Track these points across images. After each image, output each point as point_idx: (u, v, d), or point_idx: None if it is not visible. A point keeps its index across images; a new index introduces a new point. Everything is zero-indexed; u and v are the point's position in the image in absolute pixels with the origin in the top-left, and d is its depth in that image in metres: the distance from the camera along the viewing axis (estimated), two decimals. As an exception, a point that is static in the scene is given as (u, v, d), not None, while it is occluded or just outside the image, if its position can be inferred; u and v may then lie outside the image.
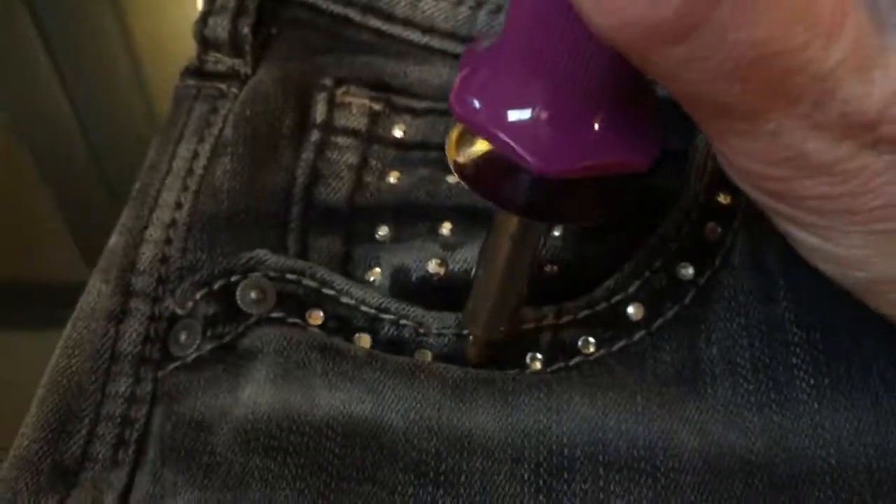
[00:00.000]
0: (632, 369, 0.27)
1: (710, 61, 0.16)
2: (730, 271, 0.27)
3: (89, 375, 0.26)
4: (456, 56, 0.33)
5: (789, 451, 0.25)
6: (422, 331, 0.27)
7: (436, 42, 0.33)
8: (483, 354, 0.27)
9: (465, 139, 0.21)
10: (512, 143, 0.19)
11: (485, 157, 0.21)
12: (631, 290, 0.27)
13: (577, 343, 0.27)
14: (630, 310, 0.27)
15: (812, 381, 0.26)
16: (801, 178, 0.18)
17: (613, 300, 0.27)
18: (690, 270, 0.27)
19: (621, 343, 0.27)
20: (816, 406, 0.25)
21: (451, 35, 0.33)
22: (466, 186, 0.21)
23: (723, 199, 0.28)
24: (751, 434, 0.25)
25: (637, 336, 0.27)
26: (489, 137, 0.19)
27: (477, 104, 0.19)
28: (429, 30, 0.33)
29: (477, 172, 0.21)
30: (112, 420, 0.26)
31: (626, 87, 0.19)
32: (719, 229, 0.28)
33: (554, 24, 0.17)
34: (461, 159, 0.21)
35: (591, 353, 0.27)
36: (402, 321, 0.27)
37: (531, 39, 0.18)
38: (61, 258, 0.39)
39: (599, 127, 0.19)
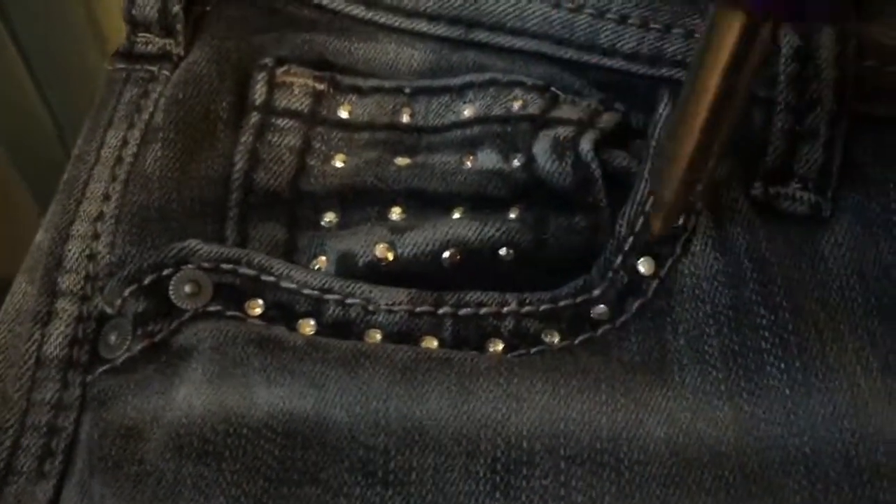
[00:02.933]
0: (596, 355, 0.25)
1: None
2: (690, 258, 0.26)
3: (14, 382, 0.25)
4: (402, 31, 0.31)
5: (762, 441, 0.24)
6: (370, 308, 0.25)
7: (380, 17, 0.31)
8: (670, 222, 0.25)
9: None
10: None
11: None
12: (596, 292, 0.26)
13: (539, 334, 0.26)
14: (594, 310, 0.26)
15: (783, 366, 0.24)
16: None
17: (578, 300, 0.26)
18: (651, 263, 0.26)
19: (585, 336, 0.26)
20: (788, 392, 0.24)
21: (395, 9, 0.31)
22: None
23: None
24: (721, 424, 0.24)
25: (601, 330, 0.26)
26: None
27: None
28: (373, 4, 0.31)
29: None
30: (38, 430, 0.24)
31: None
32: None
33: None
34: None
35: (555, 344, 0.25)
36: (349, 300, 0.25)
37: None
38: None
39: None
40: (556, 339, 0.26)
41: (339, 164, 0.29)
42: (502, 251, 0.27)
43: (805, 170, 0.27)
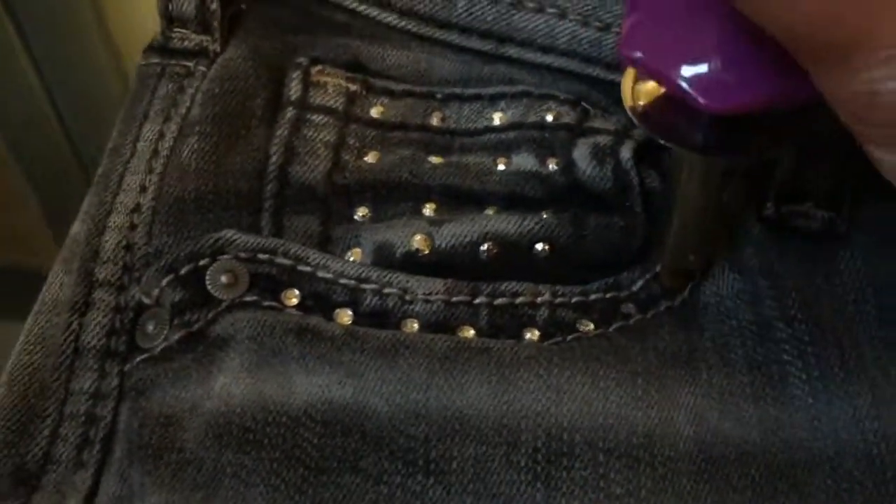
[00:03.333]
0: (634, 342, 0.25)
1: None
2: (711, 280, 0.27)
3: (52, 372, 0.25)
4: (434, 41, 0.31)
5: (786, 442, 0.24)
6: (407, 298, 0.25)
7: (413, 26, 0.31)
8: (680, 281, 0.27)
9: (638, 84, 0.23)
10: (683, 85, 0.19)
11: (659, 100, 0.22)
12: (625, 292, 0.27)
13: (574, 322, 0.26)
14: (623, 307, 0.26)
15: (804, 377, 0.25)
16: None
17: (608, 295, 0.26)
18: None
19: (619, 323, 0.26)
20: (811, 401, 0.25)
21: (429, 19, 0.31)
22: (645, 129, 0.22)
23: None
24: (747, 424, 0.24)
25: (633, 320, 0.26)
26: (660, 80, 0.20)
27: (641, 51, 0.20)
28: (406, 13, 0.31)
29: (652, 115, 0.22)
30: (76, 418, 0.24)
31: None
32: None
33: None
34: (635, 103, 0.23)
35: (590, 331, 0.26)
36: (386, 290, 0.25)
37: None
38: (36, 246, 0.38)
39: (767, 63, 0.19)
40: (591, 328, 0.26)
41: (372, 159, 0.29)
42: (539, 246, 0.27)
43: (818, 187, 0.27)
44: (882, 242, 0.27)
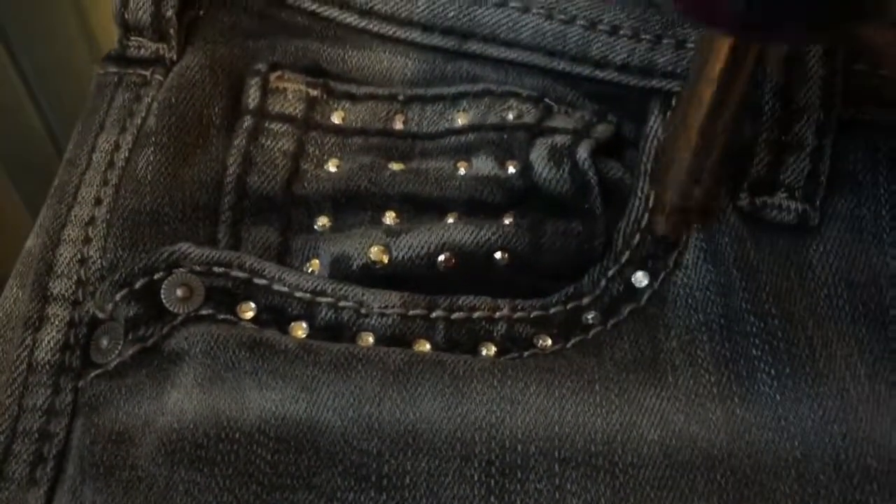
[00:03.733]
0: (589, 357, 0.25)
1: None
2: (683, 270, 0.26)
3: (5, 388, 0.25)
4: (396, 40, 0.31)
5: (753, 445, 0.24)
6: (363, 311, 0.25)
7: (374, 26, 0.31)
8: (676, 225, 0.25)
9: None
10: None
11: None
12: (586, 300, 0.26)
13: (532, 338, 0.26)
14: (585, 316, 0.26)
15: (773, 372, 0.25)
16: None
17: (569, 306, 0.26)
18: (646, 276, 0.26)
19: (577, 338, 0.26)
20: (779, 398, 0.24)
21: (389, 18, 0.31)
22: (682, 13, 0.22)
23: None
24: (713, 426, 0.24)
25: (592, 332, 0.26)
26: None
27: None
28: (366, 13, 0.31)
29: None
30: (29, 435, 0.24)
31: None
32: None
33: None
34: None
35: (547, 348, 0.25)
36: (341, 303, 0.25)
37: None
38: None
39: None
40: (549, 343, 0.26)
41: (332, 168, 0.29)
42: (497, 255, 0.27)
43: (791, 179, 0.27)
44: (856, 239, 0.27)
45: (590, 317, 0.26)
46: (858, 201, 0.27)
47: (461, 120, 0.30)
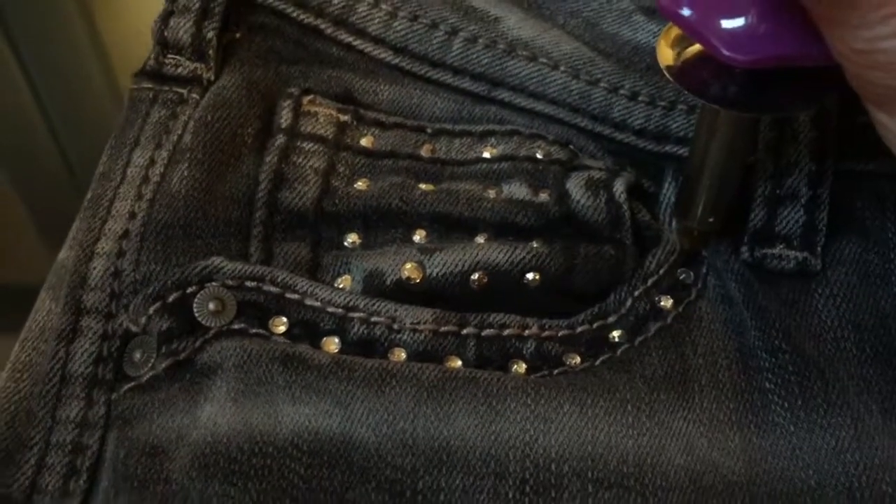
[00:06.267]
0: (619, 374, 0.25)
1: None
2: (706, 302, 0.27)
3: (38, 400, 0.25)
4: (427, 79, 0.31)
5: (769, 473, 0.24)
6: (395, 327, 0.25)
7: (407, 63, 0.31)
8: (695, 243, 0.28)
9: (675, 42, 0.25)
10: (714, 41, 0.22)
11: (695, 58, 0.24)
12: (612, 318, 0.27)
13: (561, 356, 0.26)
14: (612, 333, 0.27)
15: (786, 404, 0.25)
16: None
17: (595, 325, 0.27)
18: (670, 301, 0.27)
19: (605, 356, 0.26)
20: (793, 428, 0.25)
21: (423, 58, 0.31)
22: (680, 87, 0.24)
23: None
24: (732, 454, 0.24)
25: (620, 350, 0.26)
26: (700, 35, 0.22)
27: (689, 7, 0.22)
28: (401, 50, 0.31)
29: (689, 72, 0.24)
30: (63, 447, 0.24)
31: None
32: (692, 274, 0.28)
33: None
34: (673, 62, 0.24)
35: (576, 366, 0.26)
36: (373, 318, 0.25)
37: None
38: (28, 262, 0.37)
39: (794, 21, 0.21)
40: (577, 361, 0.26)
41: (362, 186, 0.29)
42: (529, 275, 0.27)
43: (788, 230, 0.28)
44: (863, 282, 0.27)
45: (616, 335, 0.26)
46: (866, 246, 0.28)
47: (489, 153, 0.30)
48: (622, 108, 0.30)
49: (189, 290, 0.25)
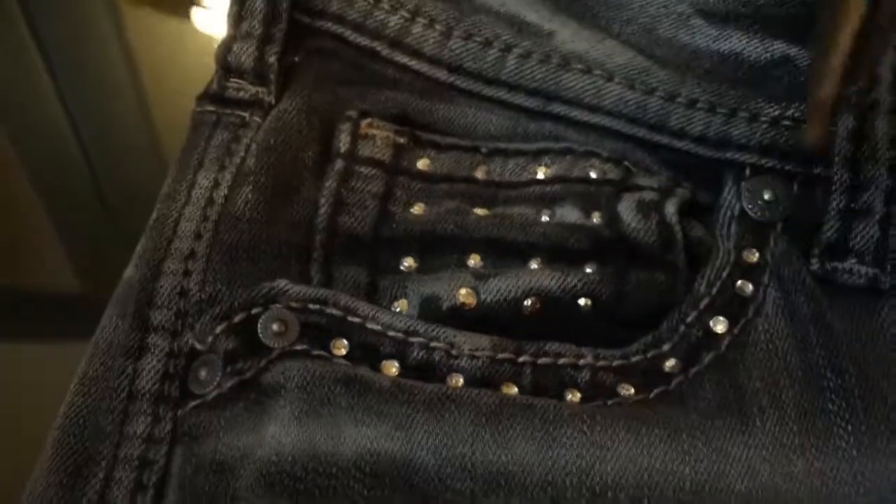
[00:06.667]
0: (674, 407, 0.26)
1: None
2: (764, 319, 0.27)
3: (106, 415, 0.25)
4: (481, 97, 0.32)
5: (831, 499, 0.24)
6: (454, 353, 0.26)
7: (461, 82, 0.32)
8: (824, 125, 0.25)
9: None
10: None
11: None
12: (666, 347, 0.27)
13: (615, 386, 0.26)
14: (666, 364, 0.27)
15: (850, 428, 0.25)
16: None
17: (649, 354, 0.27)
18: (724, 323, 0.27)
19: (660, 389, 0.26)
20: (855, 453, 0.25)
21: (477, 76, 0.32)
22: None
23: (750, 256, 0.28)
24: (795, 479, 0.24)
25: (675, 382, 0.26)
26: None
27: None
28: (455, 69, 0.32)
29: None
30: (130, 462, 0.25)
31: None
32: (750, 286, 0.28)
33: None
34: None
35: (630, 397, 0.26)
36: (433, 343, 0.26)
37: None
38: (52, 268, 0.38)
39: None
40: (631, 392, 0.26)
41: (418, 211, 0.30)
42: (581, 301, 0.27)
43: (861, 245, 0.28)
44: None
45: (670, 365, 0.27)
46: None
47: (543, 173, 0.31)
48: (680, 115, 0.30)
49: (254, 311, 0.26)
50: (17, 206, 0.42)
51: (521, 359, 0.26)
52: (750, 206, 0.29)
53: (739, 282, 0.28)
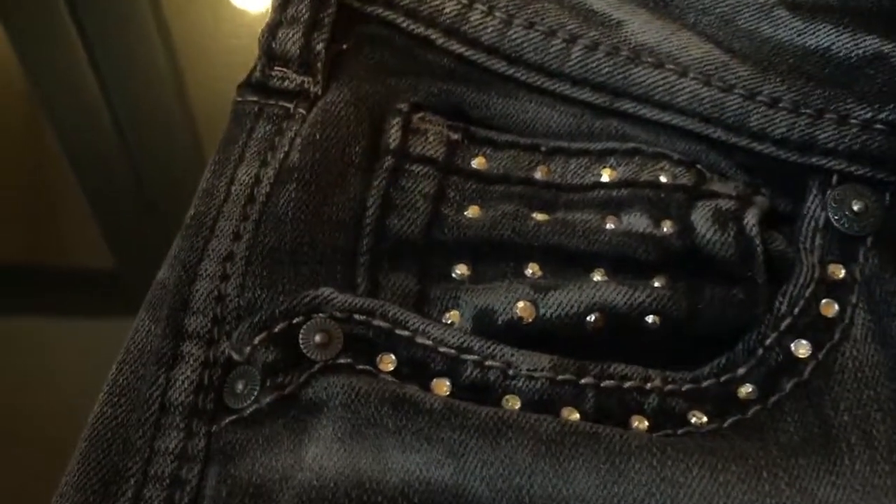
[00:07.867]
0: (751, 440, 0.23)
1: None
2: (852, 344, 0.25)
3: (136, 428, 0.24)
4: (543, 91, 0.29)
5: None
6: (510, 373, 0.24)
7: (522, 74, 0.29)
8: None
9: None
10: None
11: None
12: (741, 371, 0.25)
13: (685, 414, 0.24)
14: (741, 390, 0.24)
15: None
16: None
17: (723, 378, 0.25)
18: (807, 346, 0.25)
19: (734, 418, 0.24)
20: None
21: (539, 68, 0.29)
22: None
23: (836, 271, 0.26)
24: None
25: (751, 411, 0.24)
26: None
27: None
28: (515, 60, 0.29)
29: None
30: (161, 481, 0.23)
31: None
32: (836, 306, 0.26)
33: None
34: None
35: (702, 426, 0.24)
36: (488, 362, 0.24)
37: None
38: (85, 245, 0.39)
39: None
40: (704, 420, 0.24)
41: (473, 214, 0.28)
42: (649, 319, 0.25)
43: None
44: None
45: (746, 391, 0.24)
46: None
47: (608, 176, 0.28)
48: (761, 115, 0.28)
49: (296, 320, 0.24)
50: (54, 188, 0.42)
51: (583, 381, 0.24)
52: (836, 218, 0.27)
53: (824, 301, 0.25)
